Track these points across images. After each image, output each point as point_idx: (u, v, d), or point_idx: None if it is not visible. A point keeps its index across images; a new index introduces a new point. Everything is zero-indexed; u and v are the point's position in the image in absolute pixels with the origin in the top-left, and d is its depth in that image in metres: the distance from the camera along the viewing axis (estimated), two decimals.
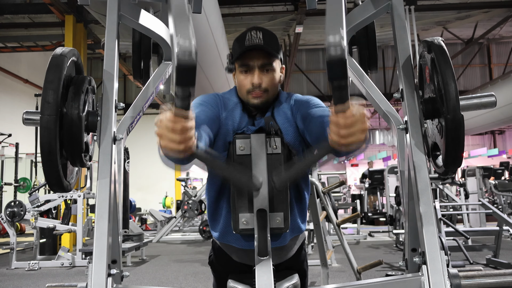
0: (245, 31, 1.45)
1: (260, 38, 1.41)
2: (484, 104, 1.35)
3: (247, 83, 1.44)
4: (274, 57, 1.43)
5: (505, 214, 6.78)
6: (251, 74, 1.43)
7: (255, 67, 1.42)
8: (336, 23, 1.03)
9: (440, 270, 1.21)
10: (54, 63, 1.28)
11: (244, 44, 1.41)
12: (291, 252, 1.57)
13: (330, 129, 1.04)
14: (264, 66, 1.42)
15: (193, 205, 8.69)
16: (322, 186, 5.61)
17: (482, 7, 10.46)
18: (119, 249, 1.41)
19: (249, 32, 1.43)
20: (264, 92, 1.44)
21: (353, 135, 1.01)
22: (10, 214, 5.79)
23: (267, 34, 1.44)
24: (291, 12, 9.81)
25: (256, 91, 1.43)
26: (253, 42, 1.40)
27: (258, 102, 1.45)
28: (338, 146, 1.04)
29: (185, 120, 0.98)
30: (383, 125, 18.23)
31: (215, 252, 1.61)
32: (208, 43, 6.22)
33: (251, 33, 1.43)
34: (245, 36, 1.43)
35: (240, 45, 1.43)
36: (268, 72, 1.44)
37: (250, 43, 1.40)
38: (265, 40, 1.42)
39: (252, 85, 1.43)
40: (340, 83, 0.98)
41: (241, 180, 1.13)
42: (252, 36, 1.42)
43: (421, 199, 1.28)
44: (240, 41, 1.44)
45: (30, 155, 9.91)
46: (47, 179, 1.29)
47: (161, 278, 4.90)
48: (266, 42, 1.41)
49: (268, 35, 1.44)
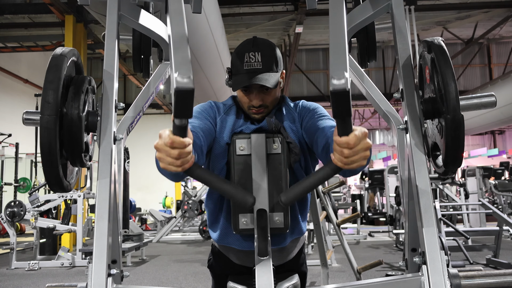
0: (244, 48, 1.44)
1: (258, 60, 1.41)
2: (484, 104, 1.35)
3: (247, 101, 1.47)
4: (272, 84, 1.42)
5: (505, 214, 6.79)
6: (251, 94, 1.45)
7: (255, 88, 1.44)
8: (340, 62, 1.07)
9: (440, 270, 1.21)
10: (54, 63, 1.28)
11: (243, 67, 1.42)
12: (291, 255, 1.57)
13: (334, 155, 1.07)
14: (263, 86, 1.43)
15: (193, 205, 8.69)
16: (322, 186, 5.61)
17: (482, 7, 10.46)
18: (119, 249, 1.41)
19: (247, 53, 1.42)
20: (265, 109, 1.48)
21: (356, 161, 1.05)
22: (10, 214, 5.79)
23: (265, 54, 1.43)
24: (291, 12, 9.81)
25: (256, 108, 1.46)
26: (252, 66, 1.41)
27: (259, 117, 1.49)
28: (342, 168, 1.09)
29: (183, 146, 1.01)
30: (383, 125, 18.23)
31: (214, 255, 1.62)
32: (208, 43, 6.21)
33: (249, 55, 1.42)
34: (244, 57, 1.42)
35: (238, 67, 1.43)
36: (268, 91, 1.45)
37: (249, 66, 1.41)
38: (264, 61, 1.41)
39: (253, 106, 1.46)
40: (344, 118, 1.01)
41: (236, 197, 1.17)
42: (251, 58, 1.41)
43: (421, 199, 1.28)
44: (238, 60, 1.43)
45: (30, 155, 9.91)
46: (47, 179, 1.29)
47: (161, 278, 4.90)
48: (264, 64, 1.41)
49: (267, 55, 1.43)
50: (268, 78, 1.41)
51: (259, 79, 1.40)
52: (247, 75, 1.41)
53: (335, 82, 0.98)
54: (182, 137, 1.01)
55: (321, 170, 1.15)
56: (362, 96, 1.57)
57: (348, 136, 1.02)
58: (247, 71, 1.41)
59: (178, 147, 1.01)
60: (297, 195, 1.17)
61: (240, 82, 1.42)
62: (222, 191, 1.16)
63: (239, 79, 1.43)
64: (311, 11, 8.40)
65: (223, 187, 1.16)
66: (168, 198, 12.38)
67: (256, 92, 1.44)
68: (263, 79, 1.40)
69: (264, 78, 1.40)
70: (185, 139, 1.01)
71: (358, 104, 15.75)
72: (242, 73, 1.42)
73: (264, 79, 1.40)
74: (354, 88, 1.40)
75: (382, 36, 13.63)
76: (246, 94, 1.46)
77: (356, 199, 11.71)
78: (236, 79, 1.44)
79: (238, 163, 1.42)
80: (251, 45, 1.44)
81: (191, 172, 1.10)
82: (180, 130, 1.00)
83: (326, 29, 12.17)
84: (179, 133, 1.00)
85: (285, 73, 1.54)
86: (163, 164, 1.04)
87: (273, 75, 1.42)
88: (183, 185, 9.39)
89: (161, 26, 1.59)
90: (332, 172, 1.12)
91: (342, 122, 1.02)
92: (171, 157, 1.02)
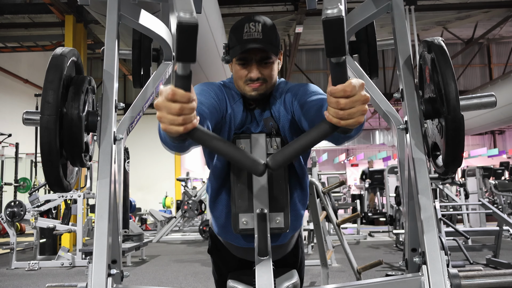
0: (243, 21, 1.39)
1: (259, 31, 1.35)
2: (484, 104, 1.35)
3: (244, 75, 1.39)
4: (273, 52, 1.38)
5: (505, 214, 6.79)
6: (249, 67, 1.39)
7: (253, 60, 1.38)
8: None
9: (440, 270, 1.21)
10: (54, 63, 1.28)
11: (242, 37, 1.35)
12: (290, 247, 1.58)
13: (328, 110, 0.97)
14: (262, 60, 1.38)
15: (193, 205, 8.69)
16: (322, 186, 5.61)
17: (482, 7, 10.46)
18: (119, 249, 1.41)
19: (247, 23, 1.36)
20: (263, 83, 1.40)
21: (353, 115, 0.94)
22: (10, 214, 5.79)
23: (266, 26, 1.37)
24: (291, 12, 9.80)
25: (254, 82, 1.39)
26: (252, 36, 1.34)
27: (255, 94, 1.41)
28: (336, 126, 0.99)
29: (186, 99, 0.92)
30: (383, 125, 18.22)
31: (212, 240, 1.61)
32: (208, 43, 6.22)
33: (249, 25, 1.36)
34: (243, 28, 1.36)
35: (237, 38, 1.37)
36: (267, 65, 1.39)
37: (249, 36, 1.35)
38: (264, 32, 1.35)
39: (250, 78, 1.39)
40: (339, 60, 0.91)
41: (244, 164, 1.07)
42: (251, 28, 1.35)
43: (421, 199, 1.28)
44: (237, 33, 1.37)
45: (30, 155, 9.90)
46: (47, 179, 1.29)
47: (161, 278, 4.90)
48: (265, 35, 1.35)
49: (268, 27, 1.37)
50: (270, 46, 1.36)
51: (259, 41, 1.34)
52: (247, 44, 1.35)
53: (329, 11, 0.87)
54: (184, 90, 0.91)
55: (314, 130, 1.03)
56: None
57: (344, 83, 0.92)
58: (247, 41, 1.35)
59: (180, 101, 0.91)
60: (286, 158, 1.06)
61: (239, 49, 1.35)
62: (230, 157, 1.06)
63: (237, 48, 1.36)
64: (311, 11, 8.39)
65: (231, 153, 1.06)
66: (168, 198, 12.38)
67: (255, 64, 1.38)
68: (263, 44, 1.34)
69: (265, 45, 1.35)
70: (187, 92, 0.91)
71: None
72: (241, 43, 1.36)
73: (265, 45, 1.35)
74: None
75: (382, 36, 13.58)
76: (244, 67, 1.39)
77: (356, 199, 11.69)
78: (234, 49, 1.37)
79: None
80: (251, 18, 1.39)
81: (195, 135, 0.99)
82: (182, 81, 0.91)
83: None
84: (182, 84, 0.91)
85: (282, 53, 1.50)
86: (164, 125, 0.93)
87: (274, 47, 1.38)
88: (183, 185, 9.39)
89: (161, 26, 1.59)
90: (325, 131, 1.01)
91: (337, 66, 0.92)
92: (172, 113, 0.92)
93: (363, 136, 18.45)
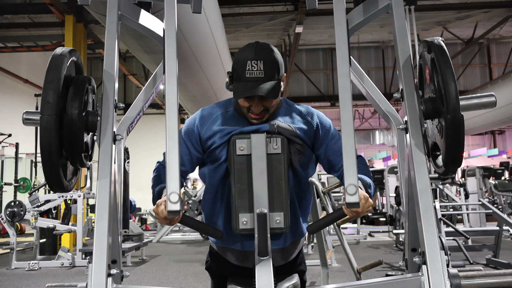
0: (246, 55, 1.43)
1: (260, 69, 1.41)
2: (484, 104, 1.35)
3: (246, 106, 1.47)
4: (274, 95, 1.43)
5: (505, 214, 6.79)
6: (252, 101, 1.45)
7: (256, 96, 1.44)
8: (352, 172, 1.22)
9: (440, 270, 1.21)
10: (54, 63, 1.28)
11: (244, 75, 1.42)
12: (291, 256, 1.58)
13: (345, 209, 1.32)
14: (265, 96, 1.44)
15: (193, 205, 8.69)
16: (322, 186, 5.60)
17: (482, 7, 10.46)
18: (119, 249, 1.41)
19: (250, 62, 1.42)
20: (265, 113, 1.48)
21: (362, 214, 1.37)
22: (10, 214, 5.79)
23: (268, 62, 1.43)
24: (291, 12, 9.80)
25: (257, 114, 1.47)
26: (254, 75, 1.41)
27: (257, 122, 1.49)
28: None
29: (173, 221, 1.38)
30: (383, 125, 18.23)
31: (212, 257, 1.62)
32: (208, 43, 6.21)
33: (251, 64, 1.42)
34: (246, 65, 1.42)
35: (240, 74, 1.43)
36: (269, 98, 1.45)
37: (251, 74, 1.41)
38: (266, 70, 1.41)
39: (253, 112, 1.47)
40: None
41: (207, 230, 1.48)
42: (253, 67, 1.41)
43: (421, 199, 1.28)
44: (240, 67, 1.43)
45: (30, 155, 9.90)
46: (47, 179, 1.29)
47: (161, 278, 4.90)
48: (266, 73, 1.41)
49: (269, 63, 1.43)
50: (270, 88, 1.41)
51: (261, 90, 1.40)
52: (249, 83, 1.41)
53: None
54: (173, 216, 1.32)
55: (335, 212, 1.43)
56: (362, 96, 1.57)
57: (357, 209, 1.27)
58: (249, 80, 1.41)
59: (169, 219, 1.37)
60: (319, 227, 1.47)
61: (242, 92, 1.42)
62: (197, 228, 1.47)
63: (241, 88, 1.42)
64: (311, 11, 8.40)
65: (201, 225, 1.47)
66: None
67: (258, 100, 1.44)
68: (265, 90, 1.40)
69: (266, 88, 1.40)
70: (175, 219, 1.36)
71: (358, 104, 15.74)
72: (243, 81, 1.42)
73: (266, 89, 1.40)
74: (354, 88, 1.40)
75: (382, 36, 13.62)
76: (247, 101, 1.46)
77: None
78: (237, 86, 1.44)
79: (238, 163, 1.42)
80: (254, 53, 1.43)
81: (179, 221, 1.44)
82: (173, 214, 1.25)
83: (326, 29, 12.17)
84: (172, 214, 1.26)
85: (285, 75, 1.54)
86: (159, 220, 1.40)
87: (275, 84, 1.43)
88: (183, 185, 9.39)
89: (161, 26, 1.58)
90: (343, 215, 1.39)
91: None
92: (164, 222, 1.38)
93: (363, 136, 18.46)
